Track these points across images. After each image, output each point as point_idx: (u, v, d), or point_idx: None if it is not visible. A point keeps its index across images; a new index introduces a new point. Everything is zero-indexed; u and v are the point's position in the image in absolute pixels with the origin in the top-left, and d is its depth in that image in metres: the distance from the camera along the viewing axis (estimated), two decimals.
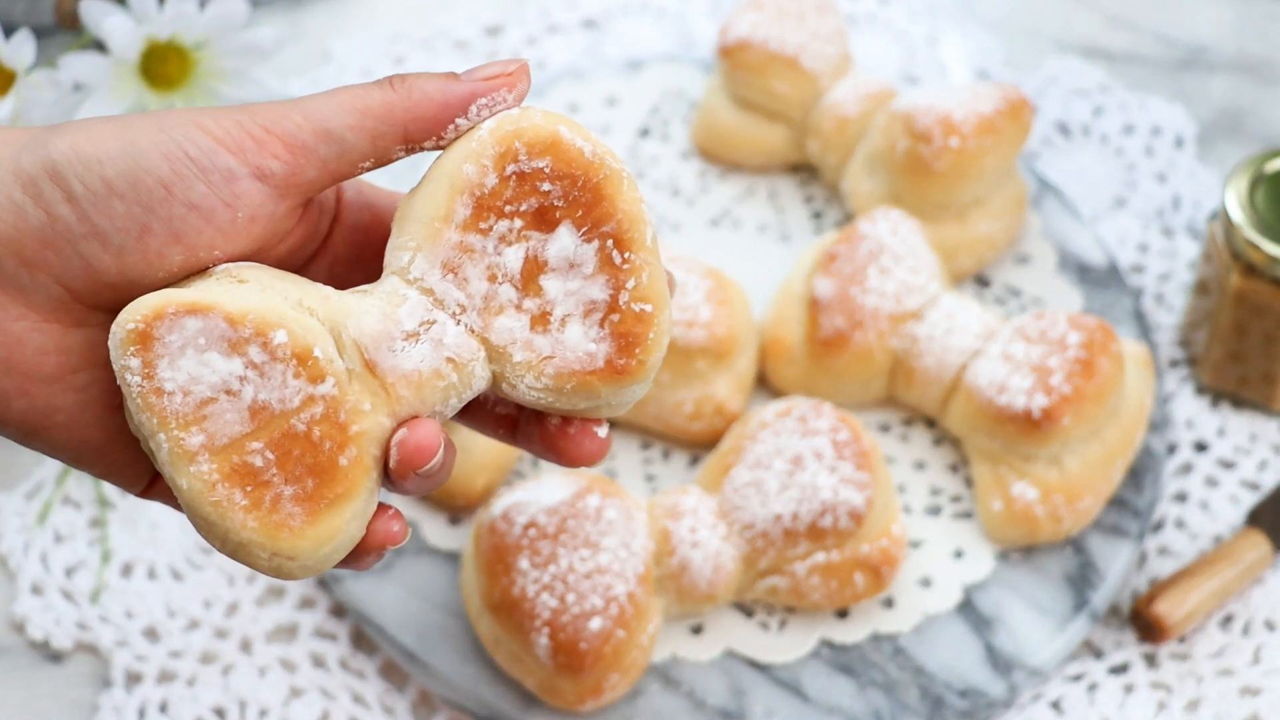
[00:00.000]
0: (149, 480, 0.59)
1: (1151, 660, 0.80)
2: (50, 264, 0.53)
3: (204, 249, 0.54)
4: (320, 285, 0.56)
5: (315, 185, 0.56)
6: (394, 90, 0.56)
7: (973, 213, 0.89)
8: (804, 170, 0.96)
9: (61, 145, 0.53)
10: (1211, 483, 0.86)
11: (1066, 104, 0.99)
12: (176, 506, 0.59)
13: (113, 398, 0.56)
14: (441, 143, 0.57)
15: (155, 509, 0.84)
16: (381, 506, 0.57)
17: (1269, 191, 0.83)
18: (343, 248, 0.61)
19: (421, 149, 0.57)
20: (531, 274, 0.56)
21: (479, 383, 0.57)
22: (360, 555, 0.57)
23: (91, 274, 0.54)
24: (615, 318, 0.56)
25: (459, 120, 0.56)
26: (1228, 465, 0.86)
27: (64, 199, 0.53)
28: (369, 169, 0.57)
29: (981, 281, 0.91)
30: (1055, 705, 0.79)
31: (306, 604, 0.82)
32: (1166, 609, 0.79)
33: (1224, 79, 1.01)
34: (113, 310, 0.55)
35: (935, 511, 0.84)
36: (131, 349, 0.53)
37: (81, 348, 0.55)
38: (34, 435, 0.55)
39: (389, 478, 0.56)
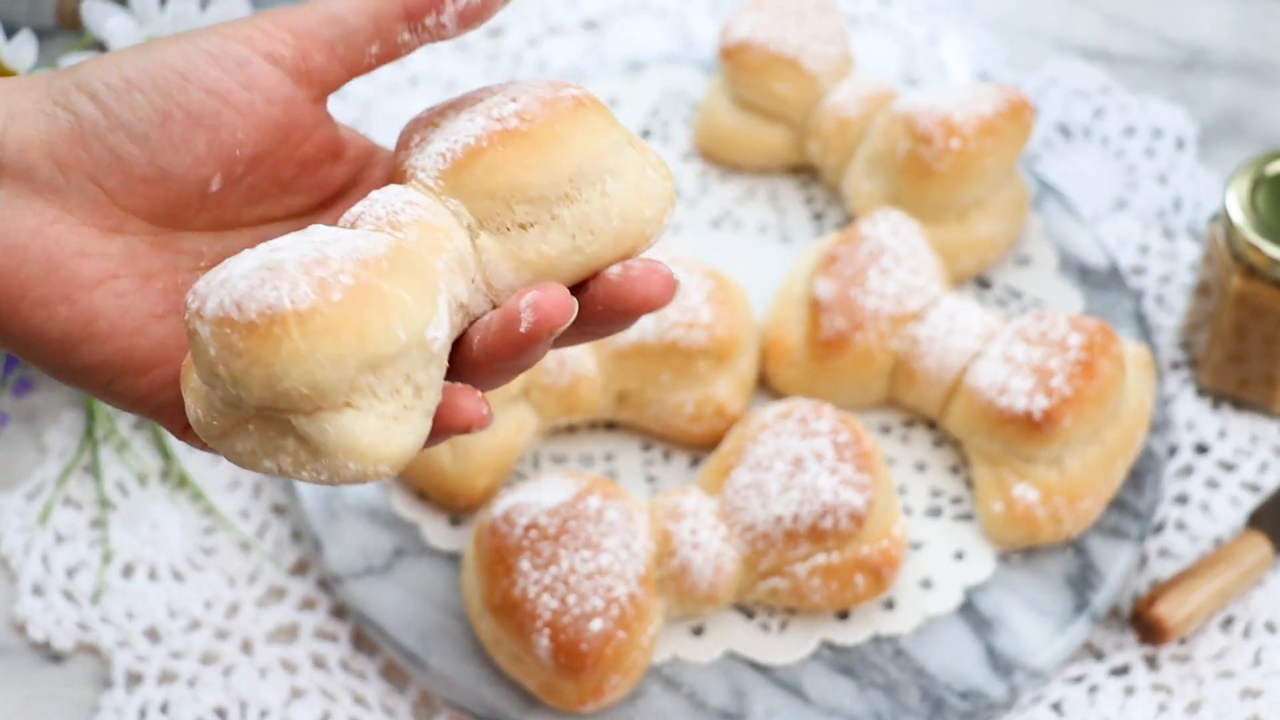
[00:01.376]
0: None
1: (1152, 662, 0.80)
2: (82, 161, 0.56)
3: (226, 131, 0.57)
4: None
5: (328, 74, 0.59)
6: None
7: (973, 214, 0.89)
8: (805, 172, 0.96)
9: (86, 65, 0.57)
10: (1212, 485, 0.86)
11: (1067, 105, 0.99)
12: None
13: (155, 306, 0.57)
14: (443, 17, 0.59)
15: (156, 509, 0.84)
16: (468, 389, 0.55)
17: (1270, 193, 0.83)
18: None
19: (424, 30, 0.59)
20: None
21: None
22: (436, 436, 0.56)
23: (122, 168, 0.56)
24: None
25: None
26: (1228, 467, 0.86)
27: (88, 99, 0.56)
28: (377, 59, 0.59)
29: (982, 283, 0.91)
30: (1056, 707, 0.79)
31: (307, 605, 0.82)
32: (1167, 611, 0.79)
33: (1225, 80, 1.01)
34: (148, 217, 0.57)
35: (936, 513, 0.84)
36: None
37: (121, 255, 0.57)
38: (77, 347, 0.56)
39: (510, 349, 0.55)
